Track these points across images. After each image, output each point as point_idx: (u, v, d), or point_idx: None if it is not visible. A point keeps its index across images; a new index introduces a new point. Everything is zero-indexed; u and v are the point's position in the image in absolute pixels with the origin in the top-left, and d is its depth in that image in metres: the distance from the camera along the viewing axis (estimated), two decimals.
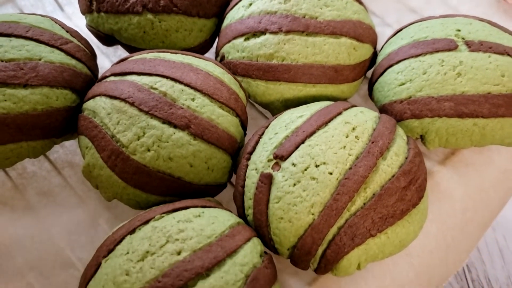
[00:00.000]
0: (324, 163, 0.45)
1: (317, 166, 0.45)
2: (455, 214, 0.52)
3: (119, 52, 0.65)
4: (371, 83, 0.57)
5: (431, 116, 0.50)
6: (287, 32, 0.53)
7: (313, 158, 0.45)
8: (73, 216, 0.52)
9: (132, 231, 0.43)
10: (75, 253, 0.50)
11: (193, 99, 0.48)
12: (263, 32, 0.54)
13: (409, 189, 0.45)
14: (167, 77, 0.49)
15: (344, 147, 0.46)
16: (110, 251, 0.43)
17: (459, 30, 0.53)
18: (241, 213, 0.49)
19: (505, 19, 0.66)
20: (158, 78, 0.49)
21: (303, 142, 0.46)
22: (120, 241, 0.43)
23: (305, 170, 0.45)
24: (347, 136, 0.46)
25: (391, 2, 0.68)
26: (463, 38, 0.53)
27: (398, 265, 0.49)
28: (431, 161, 0.55)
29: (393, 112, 0.53)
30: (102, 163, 0.48)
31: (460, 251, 0.52)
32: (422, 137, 0.52)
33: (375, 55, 0.59)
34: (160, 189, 0.48)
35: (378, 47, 0.61)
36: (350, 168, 0.44)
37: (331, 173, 0.44)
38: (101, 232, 0.51)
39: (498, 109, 0.49)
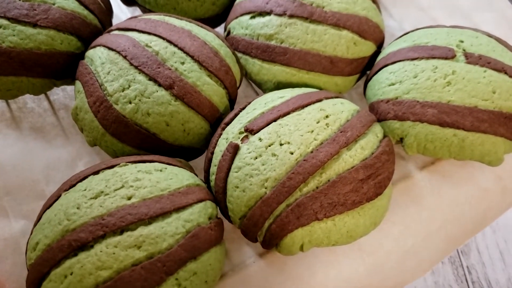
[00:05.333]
0: (288, 142, 0.46)
1: (281, 144, 0.46)
2: (421, 222, 0.51)
3: (138, 13, 0.68)
4: (367, 81, 0.58)
5: (413, 120, 0.50)
6: (291, 16, 0.55)
7: (280, 136, 0.46)
8: (56, 153, 0.55)
9: (96, 172, 0.46)
10: (49, 187, 0.53)
11: (182, 63, 0.50)
12: (268, 13, 0.56)
13: (367, 183, 0.45)
14: (163, 38, 0.51)
15: (312, 131, 0.46)
16: (72, 186, 0.46)
17: (462, 41, 0.53)
18: (206, 178, 0.50)
19: None
20: (154, 38, 0.52)
21: (275, 120, 0.47)
22: (83, 179, 0.46)
23: (269, 146, 0.46)
24: (318, 122, 0.47)
25: (413, 9, 0.68)
26: (463, 50, 0.52)
27: (349, 257, 0.49)
28: (411, 166, 0.55)
29: (378, 111, 0.53)
30: (88, 107, 0.51)
31: (421, 259, 0.51)
32: (402, 140, 0.52)
33: (377, 54, 0.59)
34: (135, 141, 0.50)
35: None
36: (312, 152, 0.45)
37: (292, 153, 0.45)
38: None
39: (481, 124, 0.49)
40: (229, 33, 0.59)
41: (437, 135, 0.50)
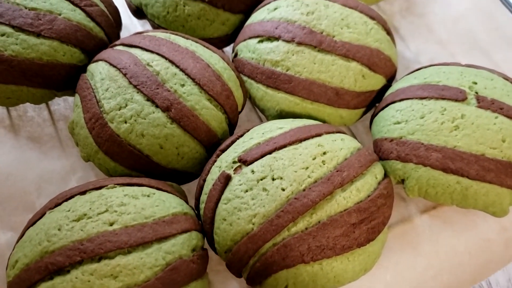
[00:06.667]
0: (281, 178, 0.44)
1: (273, 179, 0.44)
2: (415, 268, 0.49)
3: (148, 26, 0.67)
4: (373, 115, 0.55)
5: (416, 163, 0.48)
6: (299, 43, 0.53)
7: (273, 170, 0.44)
8: (50, 166, 0.54)
9: (83, 192, 0.45)
10: (39, 200, 0.52)
11: (182, 85, 0.49)
12: (276, 38, 0.54)
13: (359, 228, 0.43)
14: (165, 58, 0.50)
15: (307, 168, 0.45)
16: (58, 205, 0.45)
17: (475, 83, 0.50)
18: (197, 205, 0.49)
19: None
20: (157, 57, 0.50)
21: (270, 152, 0.46)
22: (69, 198, 0.45)
23: (261, 180, 0.44)
24: (314, 158, 0.45)
25: (431, 42, 0.65)
26: (476, 92, 0.50)
27: None
28: (411, 208, 0.53)
29: (381, 149, 0.51)
30: (84, 123, 0.50)
31: None
32: (403, 181, 0.50)
33: (387, 87, 0.57)
34: (128, 162, 0.49)
35: None
36: (304, 190, 0.43)
37: (283, 189, 0.43)
38: (70, 187, 0.53)
39: (487, 174, 0.46)
40: (236, 54, 0.58)
41: (439, 180, 0.47)
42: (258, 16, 0.57)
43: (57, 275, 0.40)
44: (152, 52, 0.51)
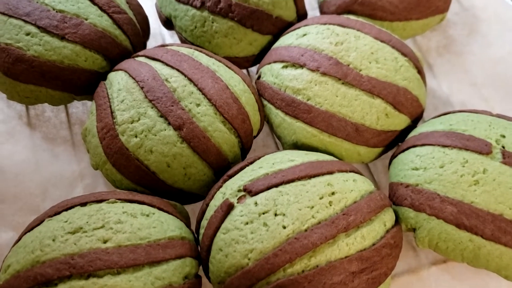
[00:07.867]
0: (284, 214, 0.42)
1: (276, 214, 0.43)
2: None
3: (176, 37, 0.67)
4: (393, 156, 0.53)
5: (429, 214, 0.46)
6: (324, 74, 0.51)
7: (277, 205, 0.43)
8: (60, 169, 0.54)
9: (84, 204, 0.45)
10: (44, 203, 0.52)
11: (198, 105, 0.48)
12: (301, 66, 0.53)
13: (359, 277, 0.41)
14: (185, 75, 0.50)
15: (312, 207, 0.43)
16: (57, 213, 0.44)
17: (503, 136, 0.48)
18: (197, 229, 0.48)
19: None
20: (176, 73, 0.50)
21: (277, 185, 0.44)
22: (70, 208, 0.45)
23: (263, 213, 0.43)
24: (321, 198, 0.43)
25: (466, 84, 0.62)
26: (503, 146, 0.47)
27: None
28: (421, 259, 0.50)
29: (396, 194, 0.49)
30: (96, 131, 0.49)
31: None
32: (414, 230, 0.47)
33: (411, 128, 0.54)
34: (134, 176, 0.48)
35: None
36: (306, 230, 0.42)
37: (284, 227, 0.42)
38: (76, 194, 0.53)
39: (503, 236, 0.44)
40: (259, 77, 0.57)
41: (451, 236, 0.45)
42: (286, 40, 0.56)
43: (45, 287, 0.40)
44: (172, 67, 0.50)
